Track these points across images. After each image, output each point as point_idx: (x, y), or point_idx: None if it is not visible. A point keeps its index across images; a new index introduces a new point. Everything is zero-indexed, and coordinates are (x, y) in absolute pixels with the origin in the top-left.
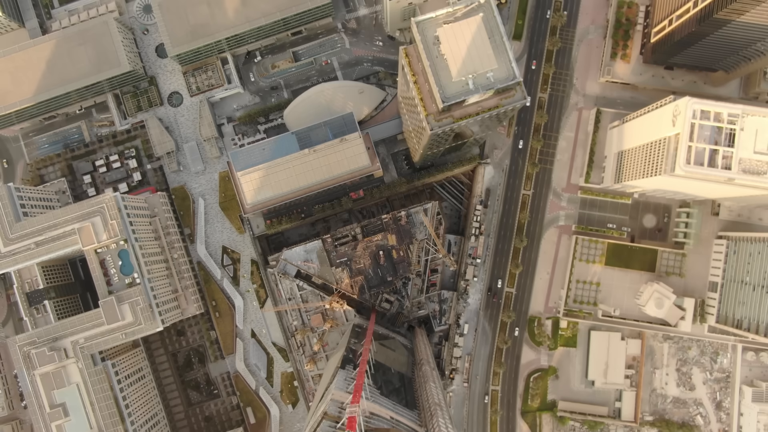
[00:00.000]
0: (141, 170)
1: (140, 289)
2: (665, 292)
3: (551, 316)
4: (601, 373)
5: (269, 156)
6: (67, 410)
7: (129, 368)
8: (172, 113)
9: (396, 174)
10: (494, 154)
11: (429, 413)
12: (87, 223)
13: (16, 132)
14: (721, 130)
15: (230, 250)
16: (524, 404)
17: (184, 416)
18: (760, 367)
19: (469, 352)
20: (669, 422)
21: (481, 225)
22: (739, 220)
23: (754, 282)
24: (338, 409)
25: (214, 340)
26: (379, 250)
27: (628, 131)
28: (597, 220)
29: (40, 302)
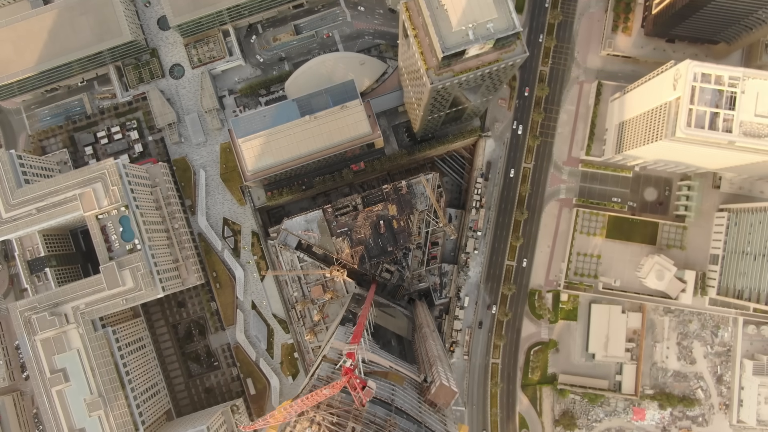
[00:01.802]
0: (142, 142)
1: (141, 255)
2: (666, 264)
3: (552, 289)
4: (601, 346)
5: (270, 123)
6: (67, 375)
7: (129, 337)
8: (174, 85)
9: (397, 146)
10: (495, 127)
11: (428, 364)
12: (88, 189)
13: (18, 104)
14: (722, 93)
15: (231, 221)
16: (524, 377)
17: (184, 387)
18: (761, 340)
19: (470, 324)
20: (670, 396)
21: (482, 198)
22: (740, 192)
23: (755, 252)
24: (338, 354)
25: (214, 311)
26: (379, 220)
27: (629, 101)
28: (598, 194)
29: (41, 270)
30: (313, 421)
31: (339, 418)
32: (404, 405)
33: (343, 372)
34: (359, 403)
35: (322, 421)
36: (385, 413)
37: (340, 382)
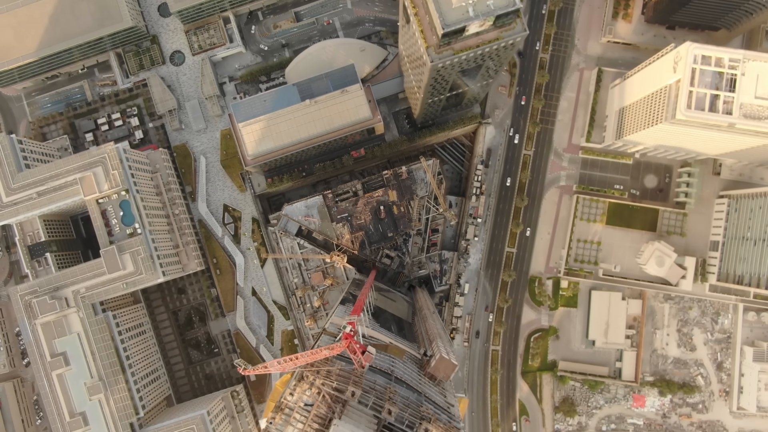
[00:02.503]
0: (143, 128)
1: (141, 239)
2: (666, 250)
3: (552, 276)
4: (601, 333)
5: (270, 107)
6: (68, 359)
7: (130, 322)
8: (174, 72)
9: (397, 133)
10: (495, 114)
11: (428, 340)
12: (89, 173)
13: (18, 91)
14: (722, 75)
15: (231, 208)
16: (525, 364)
17: (184, 374)
18: (761, 327)
19: (470, 311)
20: (670, 382)
21: (482, 185)
22: (741, 179)
23: (755, 237)
24: (338, 329)
25: (214, 297)
26: (379, 206)
27: (630, 87)
28: (598, 181)
29: (42, 255)
30: (312, 384)
31: (339, 383)
32: (404, 376)
33: (343, 337)
34: (359, 366)
35: (322, 386)
36: (384, 382)
37: (340, 344)
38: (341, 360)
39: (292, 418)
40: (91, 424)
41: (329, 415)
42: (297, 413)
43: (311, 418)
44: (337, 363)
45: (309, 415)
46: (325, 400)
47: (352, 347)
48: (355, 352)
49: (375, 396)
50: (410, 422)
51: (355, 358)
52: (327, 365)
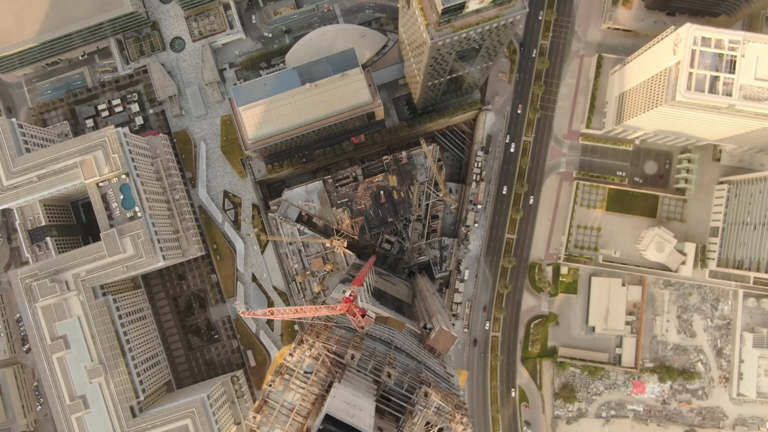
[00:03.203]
0: (143, 115)
1: (141, 222)
2: (666, 236)
3: (552, 262)
4: (601, 319)
5: (270, 91)
6: (68, 342)
7: (130, 306)
8: (175, 58)
9: (397, 119)
10: (495, 101)
11: (428, 316)
12: (89, 156)
13: (19, 77)
14: (722, 57)
15: (231, 194)
16: (524, 350)
17: (184, 360)
18: (761, 313)
19: (470, 298)
20: (669, 369)
21: (482, 171)
22: (741, 165)
23: (755, 222)
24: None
25: (214, 283)
26: (379, 191)
27: (630, 71)
28: (598, 167)
29: (42, 239)
30: (312, 346)
31: (338, 347)
32: (404, 345)
33: (343, 300)
34: (358, 327)
35: (322, 350)
36: (384, 349)
37: (340, 306)
38: (342, 330)
39: (292, 383)
40: (91, 407)
41: (329, 379)
42: (296, 379)
43: (311, 382)
44: (337, 331)
45: (309, 380)
46: (325, 364)
47: (352, 310)
48: (354, 315)
49: (374, 361)
50: (410, 386)
51: (355, 320)
52: (327, 332)
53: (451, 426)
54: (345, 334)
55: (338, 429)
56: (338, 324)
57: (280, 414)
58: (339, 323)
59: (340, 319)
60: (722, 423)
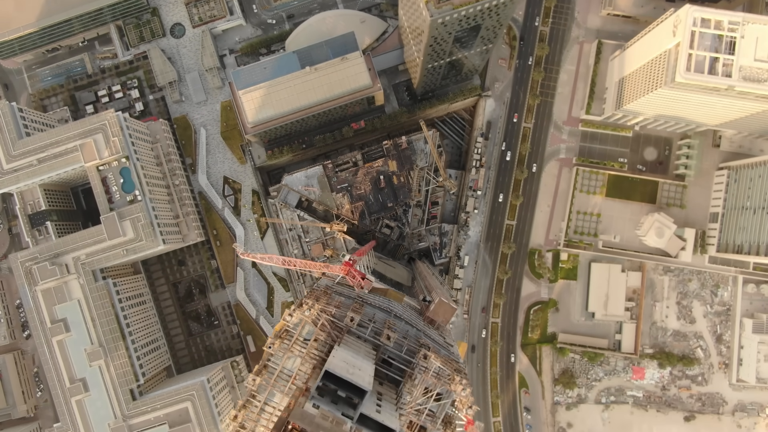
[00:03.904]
0: (143, 101)
1: (141, 206)
2: (666, 221)
3: (552, 248)
4: (601, 305)
5: (270, 75)
6: (68, 325)
7: (130, 291)
8: (175, 44)
9: (397, 105)
10: (495, 87)
11: (427, 291)
12: (89, 139)
13: (19, 64)
14: (721, 38)
15: (231, 180)
16: (524, 336)
17: (184, 345)
18: (760, 300)
19: (470, 284)
20: (669, 355)
21: (482, 157)
22: (740, 151)
23: (754, 206)
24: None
25: (214, 269)
26: (379, 176)
27: (629, 56)
28: (598, 153)
29: (42, 224)
30: (312, 307)
31: (338, 310)
32: (403, 315)
33: (343, 264)
34: (358, 287)
35: (321, 313)
36: (384, 316)
37: (339, 266)
38: (341, 297)
39: (292, 348)
40: (91, 390)
41: (329, 343)
42: (296, 345)
43: (311, 345)
44: (337, 298)
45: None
46: (324, 328)
47: (352, 273)
48: (354, 277)
49: (374, 325)
50: (409, 349)
51: (355, 282)
52: (327, 297)
53: (451, 387)
54: (345, 301)
55: (338, 386)
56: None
57: (280, 378)
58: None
59: (340, 289)
60: (722, 409)
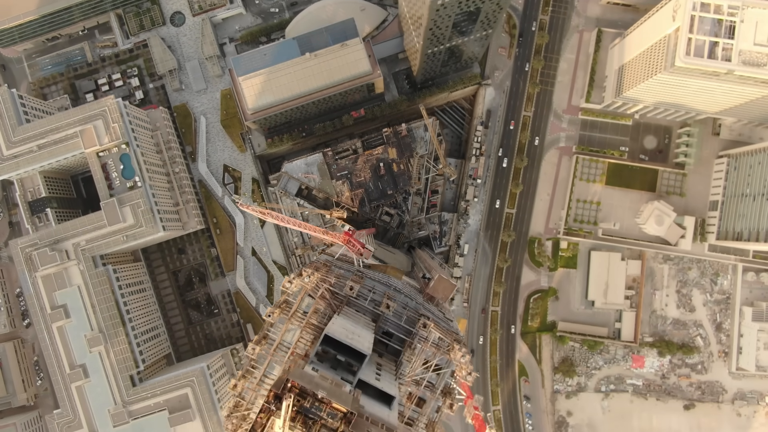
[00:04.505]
0: (143, 89)
1: (141, 192)
2: (665, 209)
3: (551, 237)
4: (601, 293)
5: (270, 61)
6: (68, 311)
7: (130, 278)
8: (175, 33)
9: (397, 93)
10: (495, 76)
11: (427, 270)
12: (89, 126)
13: (19, 53)
14: (721, 22)
15: (231, 168)
16: (524, 325)
17: (184, 334)
18: (760, 288)
19: (470, 272)
20: (669, 343)
21: (482, 146)
22: (740, 139)
23: (754, 192)
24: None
25: (214, 257)
26: (379, 163)
27: (629, 43)
28: (598, 142)
29: (42, 211)
30: (311, 275)
31: (337, 280)
32: (403, 290)
33: (343, 233)
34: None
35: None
36: (384, 288)
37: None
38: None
39: (291, 320)
40: (91, 376)
41: (328, 313)
42: (296, 317)
43: (311, 314)
44: (337, 270)
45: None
46: (324, 297)
47: (351, 242)
48: (354, 246)
49: (373, 295)
50: (409, 319)
51: (354, 249)
52: (326, 269)
53: (450, 356)
54: (344, 274)
55: (337, 351)
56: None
57: (279, 350)
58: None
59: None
60: (721, 397)
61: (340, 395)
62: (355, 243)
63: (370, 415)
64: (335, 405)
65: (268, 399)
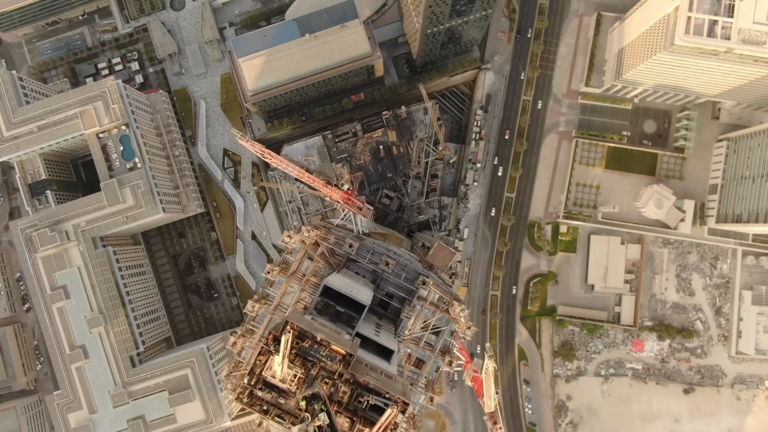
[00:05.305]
0: (143, 73)
1: (141, 173)
2: (665, 193)
3: (551, 221)
4: (600, 277)
5: (270, 42)
6: (68, 292)
7: (130, 260)
8: (174, 17)
9: (396, 77)
10: (495, 60)
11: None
12: (89, 107)
13: (19, 37)
14: (720, 1)
15: (231, 152)
16: (524, 309)
17: (184, 318)
18: (759, 272)
19: (469, 256)
20: (668, 327)
21: (482, 130)
22: (740, 123)
23: (753, 174)
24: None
25: (214, 241)
26: (379, 146)
27: (629, 26)
28: (597, 126)
29: (42, 193)
30: (310, 232)
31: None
32: (402, 255)
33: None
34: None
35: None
36: (384, 251)
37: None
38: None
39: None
40: (91, 356)
41: (327, 272)
42: (295, 278)
43: (310, 272)
44: (336, 232)
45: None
46: (324, 256)
47: (350, 200)
48: (353, 204)
49: (372, 257)
50: (408, 278)
51: (354, 208)
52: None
53: (449, 313)
54: (344, 235)
55: (336, 303)
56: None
57: (280, 310)
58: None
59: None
60: (721, 381)
61: (339, 338)
62: (354, 201)
63: (369, 363)
64: (334, 347)
65: (266, 342)
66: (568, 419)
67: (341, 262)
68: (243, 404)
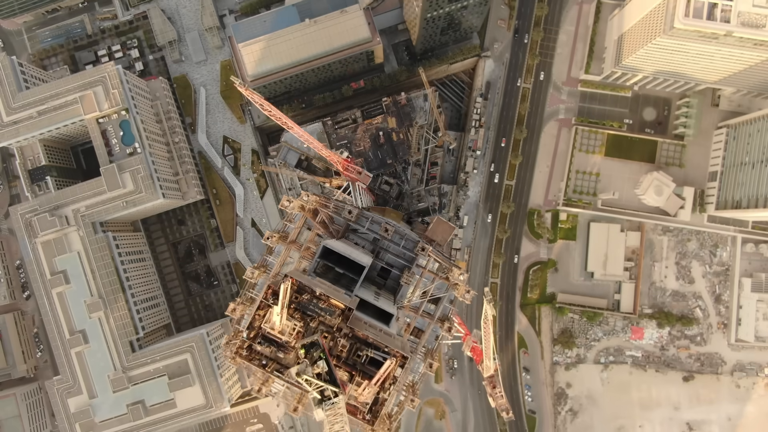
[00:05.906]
0: (143, 60)
1: (141, 158)
2: (665, 180)
3: (551, 208)
4: (600, 264)
5: (270, 27)
6: (68, 277)
7: (129, 247)
8: (174, 4)
9: (396, 64)
10: (494, 48)
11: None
12: (89, 92)
13: (19, 25)
14: None
15: (231, 139)
16: (523, 297)
17: (184, 305)
18: (759, 259)
19: (469, 244)
20: (668, 315)
21: (481, 117)
22: (739, 110)
23: (753, 160)
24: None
25: (214, 228)
26: (378, 132)
27: (629, 12)
28: (597, 113)
29: (42, 179)
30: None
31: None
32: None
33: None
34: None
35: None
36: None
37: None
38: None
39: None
40: (90, 341)
41: (327, 238)
42: (295, 246)
43: (309, 240)
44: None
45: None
46: (323, 224)
47: (350, 168)
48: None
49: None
50: (406, 246)
51: (353, 175)
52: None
53: (449, 278)
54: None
55: (336, 265)
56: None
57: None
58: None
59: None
60: (720, 369)
61: (338, 293)
62: (353, 167)
63: (368, 321)
64: (333, 301)
65: (265, 296)
66: (567, 407)
67: (341, 231)
68: (242, 359)
